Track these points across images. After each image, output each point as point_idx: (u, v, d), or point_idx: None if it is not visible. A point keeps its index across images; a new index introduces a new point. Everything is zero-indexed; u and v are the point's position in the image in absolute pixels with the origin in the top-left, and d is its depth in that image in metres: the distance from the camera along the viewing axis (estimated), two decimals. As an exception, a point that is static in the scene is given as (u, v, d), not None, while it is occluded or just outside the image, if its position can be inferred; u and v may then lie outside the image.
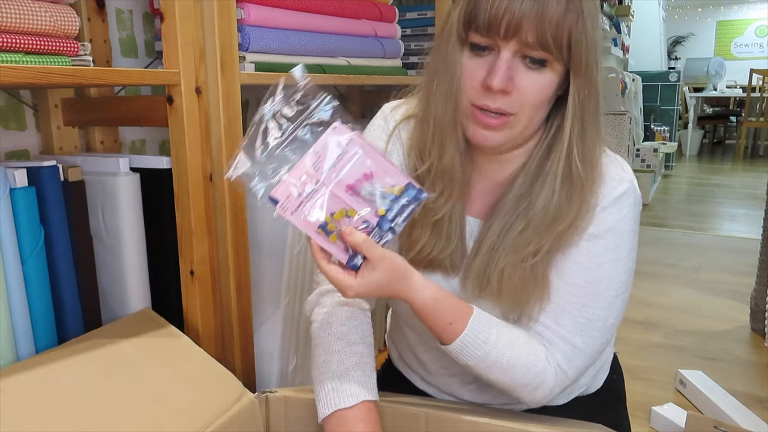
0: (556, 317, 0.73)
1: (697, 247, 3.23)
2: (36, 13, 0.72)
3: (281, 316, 1.18)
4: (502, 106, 0.67)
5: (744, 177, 5.68)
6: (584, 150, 0.70)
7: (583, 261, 0.72)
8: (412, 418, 0.77)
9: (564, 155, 0.70)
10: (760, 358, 1.96)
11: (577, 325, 0.72)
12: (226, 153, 0.95)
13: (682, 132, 7.02)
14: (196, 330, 0.96)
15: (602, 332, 0.73)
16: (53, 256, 0.86)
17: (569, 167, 0.70)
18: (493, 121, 0.68)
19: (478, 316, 0.71)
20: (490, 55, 0.67)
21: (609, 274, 0.72)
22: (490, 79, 0.65)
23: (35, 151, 1.05)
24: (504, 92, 0.66)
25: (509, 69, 0.66)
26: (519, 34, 0.64)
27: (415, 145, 0.77)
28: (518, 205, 0.73)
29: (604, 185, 0.72)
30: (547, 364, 0.72)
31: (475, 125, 0.70)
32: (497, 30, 0.64)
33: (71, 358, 0.79)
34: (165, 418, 0.75)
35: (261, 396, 0.83)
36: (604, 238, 0.72)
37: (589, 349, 0.73)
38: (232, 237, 0.98)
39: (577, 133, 0.69)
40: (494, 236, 0.74)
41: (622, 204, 0.72)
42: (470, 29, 0.67)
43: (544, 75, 0.67)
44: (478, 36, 0.67)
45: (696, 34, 9.02)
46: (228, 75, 0.93)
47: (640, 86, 4.91)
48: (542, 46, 0.64)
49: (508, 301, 0.73)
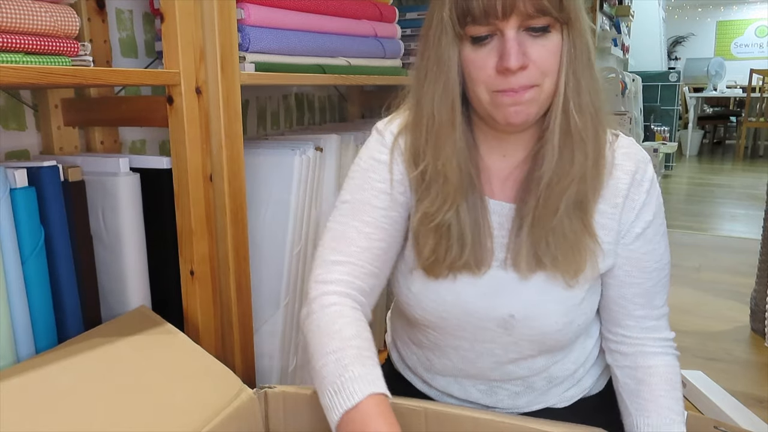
0: (650, 303, 0.81)
1: (697, 247, 3.23)
2: (36, 13, 0.72)
3: (281, 316, 1.18)
4: (525, 82, 0.67)
5: (744, 177, 5.68)
6: (580, 101, 0.70)
7: (652, 246, 0.78)
8: (412, 417, 0.76)
9: (560, 109, 0.70)
10: (760, 358, 1.96)
11: (664, 296, 0.82)
12: (226, 153, 0.95)
13: (682, 132, 7.02)
14: (196, 330, 0.96)
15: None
16: (53, 256, 0.86)
17: (567, 120, 0.70)
18: (520, 95, 0.68)
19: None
20: (493, 41, 0.67)
21: (665, 243, 0.81)
22: (505, 61, 0.66)
23: (35, 151, 1.05)
24: (522, 68, 0.66)
25: (519, 45, 0.66)
26: (516, 8, 0.65)
27: (410, 151, 0.77)
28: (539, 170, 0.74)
29: (633, 162, 0.76)
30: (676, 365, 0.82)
31: (502, 107, 0.69)
32: (495, 13, 0.65)
33: (69, 359, 0.79)
34: (163, 415, 0.75)
35: (260, 392, 0.83)
36: (658, 216, 0.79)
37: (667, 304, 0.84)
38: (232, 237, 0.98)
39: (572, 86, 0.70)
40: (530, 208, 0.74)
41: (655, 181, 0.78)
42: (466, 23, 0.67)
43: (551, 39, 0.68)
44: (477, 27, 0.67)
45: (696, 34, 9.02)
46: (228, 75, 0.93)
47: (640, 86, 4.91)
48: (541, 11, 0.65)
49: (567, 260, 0.74)
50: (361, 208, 0.78)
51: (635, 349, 0.81)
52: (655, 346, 0.81)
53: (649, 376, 0.80)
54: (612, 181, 0.76)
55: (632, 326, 0.81)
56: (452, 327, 0.80)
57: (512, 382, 0.83)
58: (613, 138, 0.78)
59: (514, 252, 0.76)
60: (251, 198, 1.10)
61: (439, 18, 0.70)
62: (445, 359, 0.84)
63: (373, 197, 0.78)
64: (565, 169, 0.71)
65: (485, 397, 0.84)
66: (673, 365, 0.81)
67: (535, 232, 0.74)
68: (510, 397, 0.83)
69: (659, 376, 0.80)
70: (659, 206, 0.79)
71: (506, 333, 0.78)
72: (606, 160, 0.74)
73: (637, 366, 0.81)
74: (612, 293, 0.81)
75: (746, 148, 7.13)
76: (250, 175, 1.08)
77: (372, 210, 0.78)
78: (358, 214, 0.78)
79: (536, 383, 0.83)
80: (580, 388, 0.86)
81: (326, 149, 1.25)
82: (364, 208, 0.78)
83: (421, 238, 0.76)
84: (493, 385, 0.83)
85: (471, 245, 0.76)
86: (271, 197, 1.16)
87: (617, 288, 0.80)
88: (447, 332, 0.81)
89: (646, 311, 0.81)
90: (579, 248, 0.74)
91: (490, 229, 0.77)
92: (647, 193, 0.77)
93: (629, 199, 0.76)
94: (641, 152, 0.78)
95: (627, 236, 0.78)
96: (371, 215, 0.78)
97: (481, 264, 0.77)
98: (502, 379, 0.82)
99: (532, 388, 0.83)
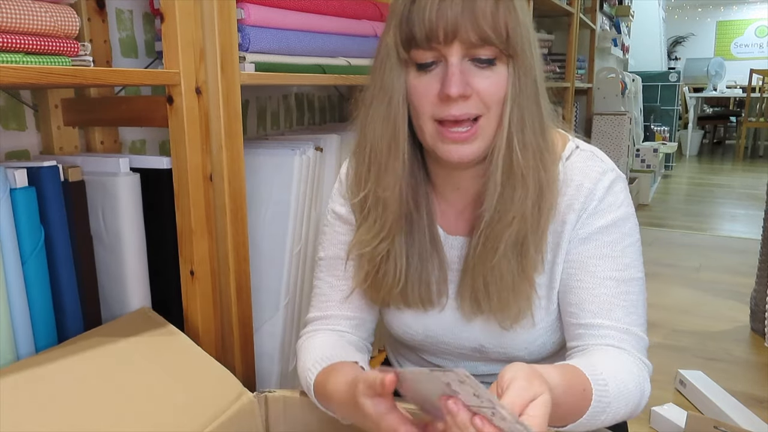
0: (607, 315, 0.71)
1: (697, 247, 3.23)
2: (36, 13, 0.72)
3: (281, 316, 1.18)
4: (466, 111, 0.66)
5: (744, 177, 5.68)
6: (524, 139, 0.68)
7: (606, 252, 0.72)
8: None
9: (504, 147, 0.68)
10: (760, 358, 1.96)
11: (629, 315, 0.71)
12: (226, 153, 0.95)
13: (682, 132, 7.02)
14: (196, 330, 0.96)
15: (645, 315, 0.74)
16: (53, 256, 0.86)
17: (509, 158, 0.68)
18: (463, 133, 0.67)
19: (580, 367, 0.64)
20: (438, 68, 0.66)
21: (633, 257, 0.73)
22: (446, 88, 0.64)
23: (35, 151, 1.05)
24: (463, 97, 0.65)
25: (462, 74, 0.65)
26: (459, 35, 0.63)
27: (352, 178, 0.76)
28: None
29: (589, 179, 0.72)
30: (637, 370, 0.69)
31: (446, 144, 0.68)
32: (437, 38, 0.64)
33: (69, 358, 0.79)
34: (163, 417, 0.75)
35: (260, 395, 0.83)
36: (617, 226, 0.72)
37: (646, 337, 0.73)
38: (232, 237, 0.98)
39: (516, 123, 0.68)
40: (476, 245, 0.72)
41: (616, 190, 0.73)
42: (411, 47, 0.66)
43: (496, 72, 0.66)
44: (421, 51, 0.66)
45: (696, 34, 9.03)
46: (228, 75, 0.93)
47: (640, 86, 4.91)
48: (484, 40, 0.64)
49: (503, 306, 0.72)
50: (333, 263, 0.83)
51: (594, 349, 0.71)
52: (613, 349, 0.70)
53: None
54: (562, 199, 0.72)
55: (585, 335, 0.72)
56: (433, 350, 0.83)
57: None
58: (571, 152, 0.74)
59: (460, 293, 0.76)
60: (251, 198, 1.10)
61: (384, 44, 0.69)
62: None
63: (341, 251, 0.82)
64: (506, 207, 0.69)
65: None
66: (625, 359, 0.69)
67: (476, 271, 0.72)
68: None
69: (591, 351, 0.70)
70: (623, 217, 0.73)
71: (483, 356, 0.80)
72: (551, 194, 0.70)
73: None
74: (561, 300, 0.75)
75: (746, 148, 7.13)
76: (250, 175, 1.08)
77: (342, 263, 0.82)
78: (331, 269, 0.83)
79: None
80: None
81: (326, 149, 1.25)
82: (336, 263, 0.83)
83: (357, 261, 0.77)
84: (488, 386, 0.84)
85: (412, 282, 0.76)
86: (271, 197, 1.16)
87: (564, 294, 0.74)
88: (430, 353, 0.84)
89: (602, 321, 0.71)
90: (516, 293, 0.71)
91: (442, 264, 0.77)
92: (599, 200, 0.72)
93: (579, 210, 0.72)
94: (598, 165, 0.73)
95: (572, 242, 0.73)
96: (342, 268, 0.82)
97: (428, 303, 0.77)
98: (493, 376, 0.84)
99: None
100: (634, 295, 0.72)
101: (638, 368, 0.69)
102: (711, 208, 4.31)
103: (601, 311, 0.71)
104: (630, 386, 0.67)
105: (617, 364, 0.68)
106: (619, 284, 0.72)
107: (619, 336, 0.71)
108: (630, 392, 0.66)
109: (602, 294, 0.71)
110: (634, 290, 0.73)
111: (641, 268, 0.74)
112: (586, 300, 0.72)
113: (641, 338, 0.72)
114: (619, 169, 0.76)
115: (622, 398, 0.65)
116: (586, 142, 0.77)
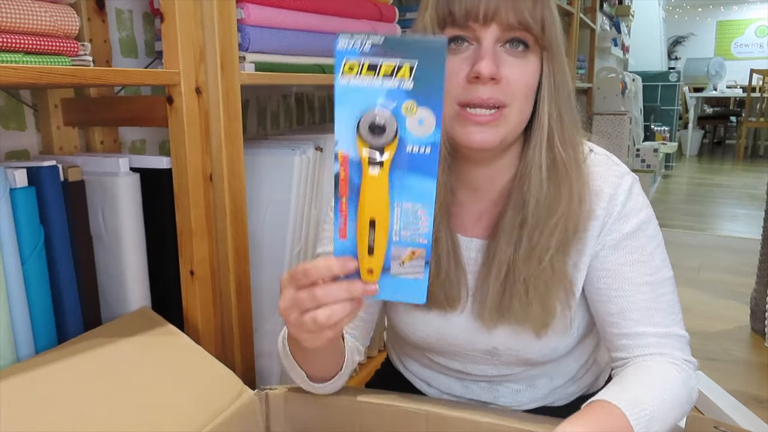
0: (648, 321, 0.71)
1: (697, 247, 3.23)
2: (36, 13, 0.72)
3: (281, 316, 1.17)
4: (493, 95, 0.65)
5: (744, 177, 5.68)
6: (564, 135, 0.68)
7: (636, 258, 0.72)
8: (412, 418, 0.76)
9: (545, 142, 0.68)
10: (760, 358, 1.96)
11: (669, 316, 0.72)
12: (226, 153, 0.95)
13: (682, 132, 7.02)
14: (196, 330, 0.96)
15: (680, 312, 0.74)
16: (53, 256, 0.86)
17: (552, 153, 0.68)
18: (486, 116, 0.65)
19: (621, 402, 0.64)
20: (470, 50, 0.66)
21: (661, 258, 0.73)
22: (478, 66, 0.63)
23: (35, 151, 1.05)
24: (494, 80, 0.64)
25: (495, 56, 0.64)
26: (498, 16, 0.63)
27: None
28: (519, 209, 0.70)
29: (608, 184, 0.72)
30: (679, 373, 0.69)
31: (467, 127, 0.66)
32: (476, 16, 0.63)
33: (70, 359, 0.79)
34: (164, 416, 0.75)
35: (261, 393, 0.83)
36: (642, 229, 0.72)
37: (686, 334, 0.73)
38: (232, 237, 0.98)
39: (555, 118, 0.68)
40: (505, 251, 0.71)
41: (636, 192, 0.73)
42: (446, 26, 0.66)
43: (528, 61, 0.66)
44: (456, 29, 0.65)
45: (696, 34, 9.02)
46: (228, 75, 0.93)
47: (640, 86, 4.91)
48: (523, 26, 0.64)
49: (537, 314, 0.71)
50: None
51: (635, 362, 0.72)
52: (655, 358, 0.71)
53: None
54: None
55: (630, 345, 0.72)
56: (442, 351, 0.82)
57: (513, 382, 0.83)
58: (586, 155, 0.73)
59: (480, 301, 0.74)
60: (251, 198, 1.10)
61: (420, 25, 0.68)
62: (443, 376, 0.86)
63: None
64: (552, 207, 0.68)
65: (486, 393, 0.84)
66: (666, 367, 0.70)
67: (512, 278, 0.71)
68: (511, 393, 0.84)
69: (642, 368, 0.70)
70: (647, 219, 0.73)
71: (494, 359, 0.79)
72: (588, 193, 0.70)
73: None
74: (599, 310, 0.74)
75: (746, 148, 7.13)
76: (250, 175, 1.08)
77: None
78: None
79: (538, 382, 0.83)
80: (579, 386, 0.86)
81: (326, 149, 1.25)
82: None
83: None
84: (495, 384, 0.83)
85: (437, 279, 0.74)
86: (271, 197, 1.16)
87: (602, 304, 0.73)
88: (438, 354, 0.83)
89: (644, 328, 0.71)
90: (549, 300, 0.71)
91: (462, 266, 0.76)
92: (623, 205, 0.72)
93: (604, 217, 0.72)
94: (615, 169, 0.73)
95: (603, 251, 0.73)
96: None
97: (454, 302, 0.75)
98: (502, 381, 0.83)
99: (533, 386, 0.83)
100: (669, 295, 0.73)
101: (682, 371, 0.70)
102: (711, 207, 4.31)
103: (642, 318, 0.71)
104: (675, 394, 0.67)
105: (659, 378, 0.68)
106: (655, 287, 0.72)
107: (661, 342, 0.71)
108: (675, 400, 0.67)
109: (640, 300, 0.71)
110: (668, 290, 0.73)
111: (670, 267, 0.75)
112: (626, 308, 0.72)
113: (682, 337, 0.73)
114: (632, 172, 0.76)
115: (669, 409, 0.66)
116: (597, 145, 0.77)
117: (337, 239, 0.52)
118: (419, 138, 0.49)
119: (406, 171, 0.50)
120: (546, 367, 0.81)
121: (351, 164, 0.50)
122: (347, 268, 0.52)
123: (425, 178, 0.50)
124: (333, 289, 0.52)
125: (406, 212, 0.51)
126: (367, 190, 0.50)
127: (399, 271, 0.52)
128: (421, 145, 0.49)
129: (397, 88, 0.48)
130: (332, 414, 0.80)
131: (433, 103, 0.48)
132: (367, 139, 0.49)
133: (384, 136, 0.49)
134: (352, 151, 0.49)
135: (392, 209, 0.51)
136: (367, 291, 0.52)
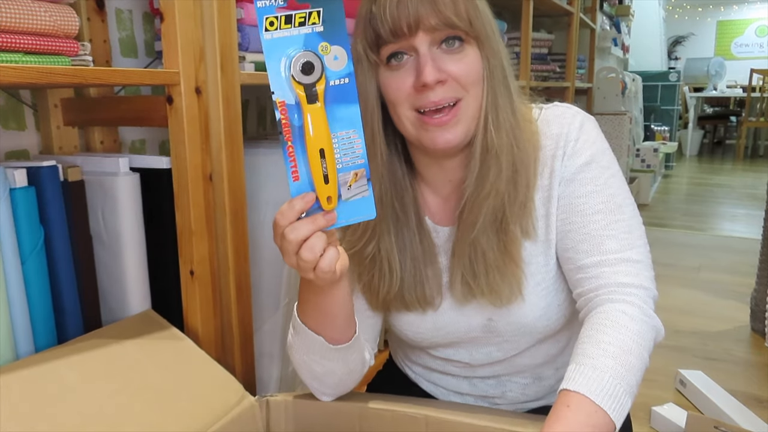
0: (598, 249, 0.70)
1: (697, 247, 3.23)
2: (36, 13, 0.72)
3: (281, 316, 1.18)
4: (445, 95, 0.67)
5: (744, 177, 5.68)
6: (498, 118, 0.70)
7: (589, 188, 0.73)
8: (411, 421, 0.77)
9: (482, 125, 0.70)
10: (760, 358, 1.96)
11: (622, 241, 0.71)
12: (226, 153, 0.95)
13: (682, 132, 7.02)
14: (195, 330, 0.96)
15: (644, 239, 0.73)
16: (53, 256, 0.86)
17: (485, 137, 0.71)
18: (444, 117, 0.68)
19: (580, 375, 0.63)
20: (410, 61, 0.68)
21: (618, 186, 0.73)
22: (421, 76, 0.66)
23: (35, 151, 1.05)
24: (440, 82, 0.67)
25: (434, 60, 0.67)
26: (422, 23, 0.65)
27: None
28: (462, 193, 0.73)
29: (560, 125, 0.74)
30: (633, 321, 0.66)
31: (430, 132, 0.69)
32: (401, 30, 0.66)
33: (72, 358, 0.79)
34: (165, 420, 0.75)
35: (261, 400, 0.83)
36: (594, 161, 0.73)
37: (645, 257, 0.72)
38: (232, 237, 0.98)
39: (490, 101, 0.70)
40: (458, 227, 0.75)
41: (588, 128, 0.74)
42: (379, 46, 0.68)
43: (466, 54, 0.68)
44: (390, 46, 0.68)
45: (696, 34, 9.02)
46: (228, 75, 0.93)
47: (640, 86, 4.91)
48: (447, 25, 0.66)
49: (491, 285, 0.73)
50: None
51: (588, 305, 0.71)
52: (603, 295, 0.69)
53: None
54: (545, 152, 0.74)
55: (582, 279, 0.72)
56: (444, 343, 0.83)
57: (520, 374, 0.83)
58: (539, 113, 0.76)
59: (451, 280, 0.77)
60: (251, 198, 1.09)
61: (355, 53, 0.70)
62: (450, 377, 0.86)
63: None
64: (482, 185, 0.71)
65: (493, 389, 0.85)
66: (610, 310, 0.67)
67: (461, 252, 0.74)
68: (519, 388, 0.84)
69: (587, 324, 0.68)
70: (599, 151, 0.74)
71: (494, 335, 0.79)
72: (526, 170, 0.72)
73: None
74: (558, 249, 0.75)
75: (746, 148, 7.13)
76: (250, 175, 1.08)
77: None
78: None
79: (544, 373, 0.84)
80: None
81: (326, 149, 1.25)
82: None
83: (352, 265, 0.76)
84: (502, 380, 0.84)
85: (408, 284, 0.77)
86: (271, 197, 1.16)
87: (560, 242, 0.74)
88: (442, 345, 0.83)
89: (595, 258, 0.70)
90: (502, 272, 0.73)
91: (434, 257, 0.78)
92: (575, 140, 0.73)
93: (561, 156, 0.73)
94: (566, 111, 0.75)
95: (560, 187, 0.74)
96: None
97: (426, 304, 0.78)
98: (509, 373, 0.83)
99: (540, 378, 0.84)
100: (625, 222, 0.72)
101: (636, 318, 0.67)
102: (711, 207, 4.31)
103: (592, 249, 0.71)
104: (637, 354, 0.65)
105: (615, 334, 0.65)
106: (608, 215, 0.72)
107: (612, 271, 0.69)
108: (638, 363, 0.64)
109: (593, 230, 0.71)
110: (624, 216, 0.72)
111: (628, 195, 0.74)
112: (579, 241, 0.72)
113: (636, 261, 0.70)
114: (587, 113, 0.77)
115: (636, 371, 0.64)
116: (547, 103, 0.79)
117: (292, 182, 0.58)
118: (337, 72, 0.56)
119: (333, 104, 0.57)
120: (552, 345, 0.81)
121: (290, 109, 0.56)
122: (307, 199, 0.57)
123: (350, 105, 0.57)
124: (299, 227, 0.58)
125: (342, 140, 0.57)
126: (312, 123, 0.56)
127: (348, 195, 0.59)
128: (340, 77, 0.56)
129: (312, 33, 0.55)
130: (333, 419, 0.80)
131: (341, 39, 0.56)
132: (301, 80, 0.56)
133: (314, 73, 0.56)
134: (289, 96, 0.56)
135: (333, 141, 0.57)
136: (329, 219, 0.58)
